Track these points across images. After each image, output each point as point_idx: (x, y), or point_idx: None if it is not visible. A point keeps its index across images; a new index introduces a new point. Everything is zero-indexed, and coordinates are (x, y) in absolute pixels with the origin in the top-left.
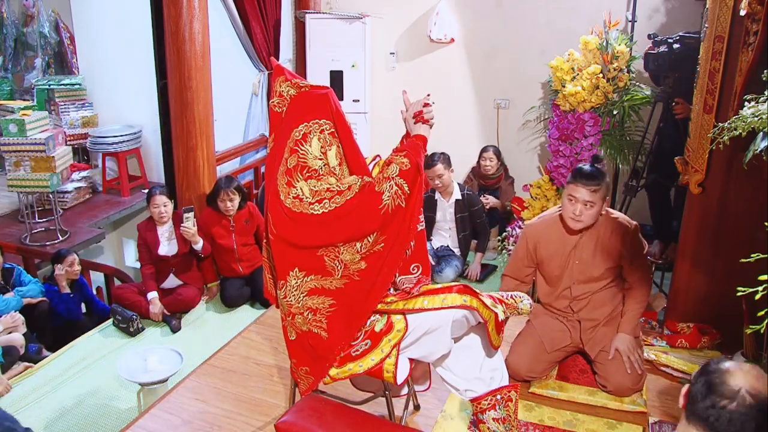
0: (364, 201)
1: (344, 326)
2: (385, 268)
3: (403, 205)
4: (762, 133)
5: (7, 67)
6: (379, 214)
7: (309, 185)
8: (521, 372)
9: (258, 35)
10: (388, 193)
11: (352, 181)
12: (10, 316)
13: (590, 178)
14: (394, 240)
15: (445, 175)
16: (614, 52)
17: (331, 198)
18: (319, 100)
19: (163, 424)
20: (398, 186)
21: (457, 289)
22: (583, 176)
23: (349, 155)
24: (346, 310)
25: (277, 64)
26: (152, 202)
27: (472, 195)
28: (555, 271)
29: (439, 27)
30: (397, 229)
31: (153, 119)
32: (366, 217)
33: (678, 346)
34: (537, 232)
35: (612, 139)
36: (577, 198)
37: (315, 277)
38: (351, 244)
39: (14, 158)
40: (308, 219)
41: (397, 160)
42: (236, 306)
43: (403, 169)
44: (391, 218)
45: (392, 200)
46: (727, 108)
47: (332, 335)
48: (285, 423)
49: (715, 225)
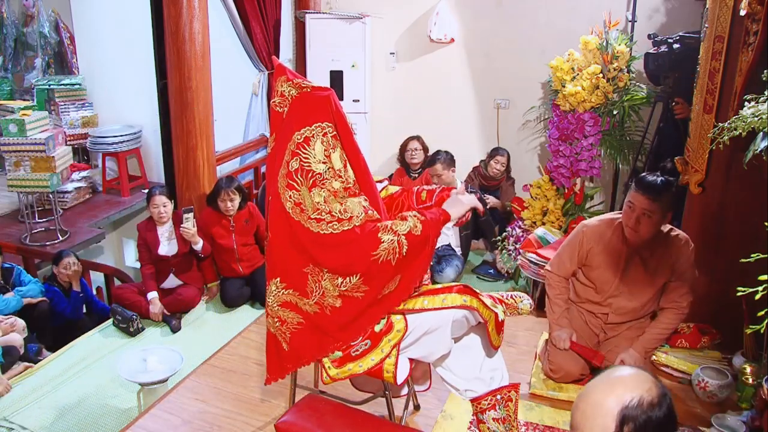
0: (360, 240)
1: (305, 348)
2: (363, 320)
3: (393, 263)
4: (762, 133)
5: (7, 67)
6: (369, 259)
7: (313, 196)
8: (576, 372)
9: (258, 35)
10: (386, 245)
11: (356, 211)
12: (10, 324)
13: (650, 189)
14: (374, 297)
15: (445, 174)
16: (614, 52)
17: (330, 222)
18: (321, 102)
19: (163, 424)
20: (398, 244)
21: (457, 289)
22: (644, 185)
23: (350, 157)
24: (310, 334)
25: (278, 64)
26: (152, 202)
27: (475, 194)
28: (602, 278)
29: (439, 27)
30: (379, 286)
31: (153, 119)
32: (356, 257)
33: (678, 346)
34: (595, 235)
35: (612, 139)
36: (636, 205)
37: (292, 293)
38: (334, 276)
39: (14, 158)
40: (303, 231)
41: (414, 221)
42: (236, 306)
43: (413, 233)
44: (378, 270)
45: (387, 253)
46: (727, 108)
47: (292, 350)
48: (285, 423)
49: (715, 225)
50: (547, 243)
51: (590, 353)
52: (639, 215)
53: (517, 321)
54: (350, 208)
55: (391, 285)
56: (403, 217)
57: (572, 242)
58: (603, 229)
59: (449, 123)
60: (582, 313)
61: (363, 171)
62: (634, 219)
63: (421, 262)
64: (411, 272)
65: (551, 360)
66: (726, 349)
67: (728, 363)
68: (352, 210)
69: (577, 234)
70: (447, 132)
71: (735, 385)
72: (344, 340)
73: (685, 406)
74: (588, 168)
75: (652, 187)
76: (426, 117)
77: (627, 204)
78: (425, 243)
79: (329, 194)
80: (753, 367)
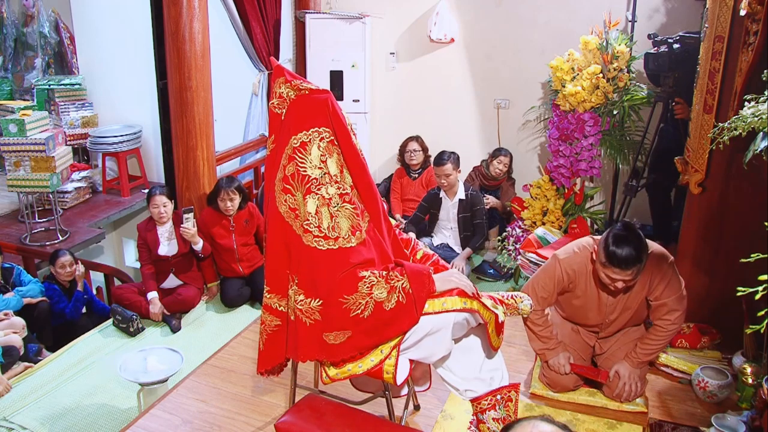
0: (332, 267)
1: (280, 349)
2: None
3: (351, 316)
4: (762, 133)
5: (7, 67)
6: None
7: (307, 204)
8: (571, 385)
9: (258, 35)
10: (356, 298)
11: (344, 231)
12: (8, 323)
13: (627, 263)
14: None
15: (453, 175)
16: (614, 52)
17: (316, 237)
18: (318, 105)
19: (163, 424)
20: (365, 306)
21: (458, 292)
22: (620, 261)
23: (349, 161)
24: (285, 337)
25: (277, 65)
26: (152, 203)
27: (476, 195)
28: (585, 306)
29: (439, 27)
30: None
31: (153, 119)
32: (326, 285)
33: (678, 346)
34: (572, 272)
35: (612, 139)
36: (615, 278)
37: (273, 296)
38: (299, 290)
39: (14, 158)
40: (294, 236)
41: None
42: (236, 306)
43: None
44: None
45: (354, 304)
46: (727, 108)
47: (266, 353)
48: (285, 423)
49: (715, 225)
50: (547, 243)
51: (593, 372)
52: (620, 283)
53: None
54: (339, 226)
55: (339, 336)
56: (391, 279)
57: (549, 274)
58: (579, 265)
59: (449, 123)
60: (573, 328)
61: (362, 175)
62: (614, 286)
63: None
64: (360, 338)
65: (546, 375)
66: (726, 349)
67: (728, 363)
68: (340, 229)
69: (555, 267)
70: (447, 132)
71: (735, 385)
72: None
73: (685, 406)
74: (588, 168)
75: (628, 260)
76: (426, 117)
77: (604, 274)
78: (389, 323)
79: (322, 202)
80: (753, 367)
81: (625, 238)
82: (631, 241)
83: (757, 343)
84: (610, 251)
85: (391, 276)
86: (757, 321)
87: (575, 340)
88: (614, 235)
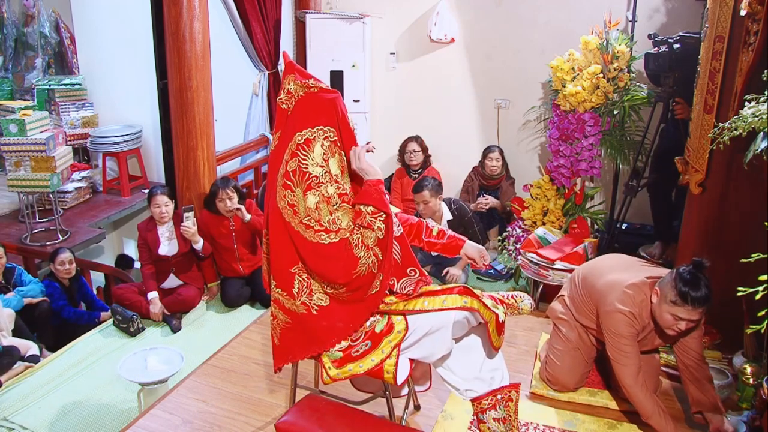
0: (340, 255)
1: (296, 346)
2: (349, 319)
3: (374, 270)
4: (762, 133)
5: (7, 67)
6: (350, 276)
7: (306, 200)
8: (571, 385)
9: (258, 35)
10: (363, 260)
11: (345, 223)
12: None
13: (702, 302)
14: (360, 297)
15: (432, 202)
16: (614, 52)
17: (318, 231)
18: (326, 104)
19: (163, 424)
20: (374, 255)
21: (458, 291)
22: (695, 300)
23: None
24: (299, 334)
25: (289, 61)
26: (153, 202)
27: (461, 206)
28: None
29: (439, 27)
30: (364, 291)
31: (153, 119)
32: (338, 273)
33: None
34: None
35: (612, 139)
36: (685, 319)
37: (281, 292)
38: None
39: (14, 158)
40: (294, 233)
41: (375, 226)
42: (236, 306)
43: (379, 238)
44: (361, 280)
45: (366, 267)
46: (728, 108)
47: (282, 346)
48: (285, 423)
49: (715, 225)
50: (547, 243)
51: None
52: (686, 324)
53: (517, 321)
54: (340, 218)
55: (376, 285)
56: (364, 225)
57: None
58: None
59: (449, 123)
60: (578, 328)
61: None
62: (678, 327)
63: (391, 252)
64: (388, 266)
65: (549, 371)
66: (726, 349)
67: (728, 363)
68: (341, 221)
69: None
70: (447, 132)
71: (735, 385)
72: (330, 341)
73: (686, 406)
74: (588, 168)
75: (703, 300)
76: (426, 117)
77: (671, 315)
78: (390, 239)
79: (322, 199)
80: (753, 367)
81: (702, 283)
82: (705, 286)
83: (757, 343)
84: (683, 291)
85: (357, 223)
86: (757, 321)
87: (583, 341)
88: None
